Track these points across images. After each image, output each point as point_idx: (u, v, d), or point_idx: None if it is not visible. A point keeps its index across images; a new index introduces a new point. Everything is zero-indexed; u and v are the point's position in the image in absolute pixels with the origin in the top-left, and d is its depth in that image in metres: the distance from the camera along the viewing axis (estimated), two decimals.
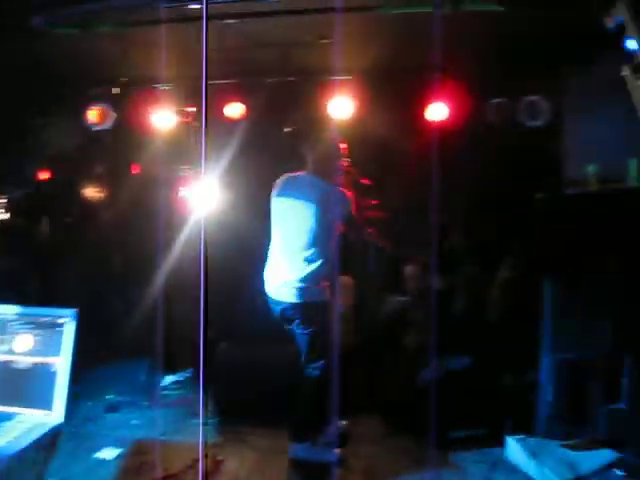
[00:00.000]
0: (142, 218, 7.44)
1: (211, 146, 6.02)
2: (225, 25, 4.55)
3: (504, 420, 4.28)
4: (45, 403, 1.81)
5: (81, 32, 4.35)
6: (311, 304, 4.08)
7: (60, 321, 1.86)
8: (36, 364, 1.84)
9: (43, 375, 1.84)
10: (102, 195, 9.35)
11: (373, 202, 5.53)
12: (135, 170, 7.81)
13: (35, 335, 1.87)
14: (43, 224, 8.20)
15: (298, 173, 4.36)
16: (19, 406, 1.84)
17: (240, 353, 5.07)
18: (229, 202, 6.69)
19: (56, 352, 1.84)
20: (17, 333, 1.89)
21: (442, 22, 4.38)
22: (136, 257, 6.20)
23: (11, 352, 1.87)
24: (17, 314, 1.90)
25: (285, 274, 4.12)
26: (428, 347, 4.68)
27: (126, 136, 6.41)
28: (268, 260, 4.30)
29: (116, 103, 5.73)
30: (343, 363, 4.15)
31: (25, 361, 1.86)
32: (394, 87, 5.92)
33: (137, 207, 7.65)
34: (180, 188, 7.20)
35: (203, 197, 6.08)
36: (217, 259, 5.49)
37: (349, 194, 4.24)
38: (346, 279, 5.21)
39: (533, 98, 5.14)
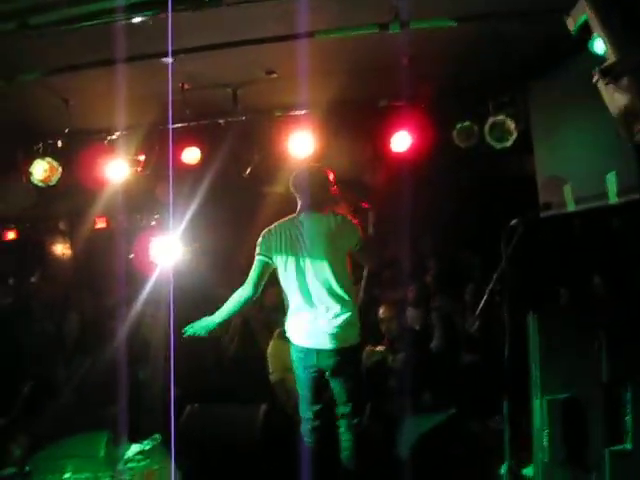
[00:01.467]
0: (102, 275, 7.10)
1: (170, 194, 5.75)
2: (169, 67, 4.27)
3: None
4: None
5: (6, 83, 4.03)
6: (349, 348, 3.78)
7: None
8: None
9: None
10: (68, 252, 9.05)
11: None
12: (97, 224, 7.53)
13: None
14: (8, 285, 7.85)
15: (292, 216, 3.94)
16: None
17: (208, 415, 4.67)
18: (192, 254, 6.38)
19: None
20: None
21: (391, 48, 4.18)
22: (94, 318, 5.79)
23: None
24: None
25: (317, 320, 3.76)
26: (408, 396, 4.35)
27: (79, 190, 6.09)
28: (291, 312, 3.89)
29: (61, 157, 5.39)
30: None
31: None
32: (354, 120, 5.68)
33: (96, 263, 7.33)
34: (141, 241, 6.89)
35: (166, 250, 5.81)
36: (180, 314, 5.15)
37: (355, 221, 3.92)
38: None
39: (498, 118, 4.86)
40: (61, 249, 9.51)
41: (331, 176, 4.02)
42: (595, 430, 3.72)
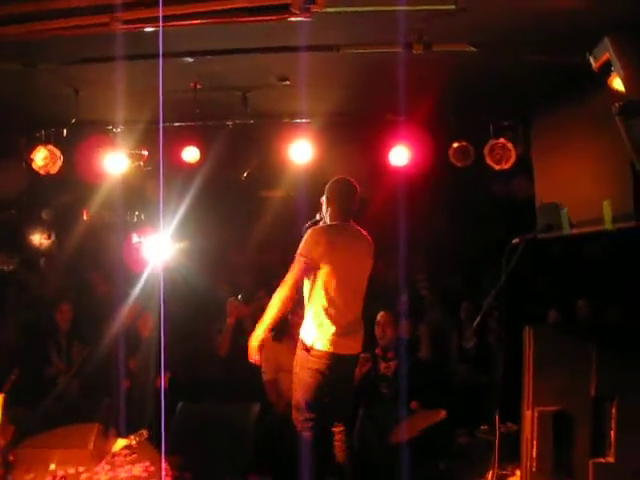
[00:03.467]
0: (91, 267, 7.07)
1: (167, 192, 5.80)
2: (184, 65, 4.34)
3: None
4: None
5: (24, 68, 4.03)
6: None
7: None
8: None
9: None
10: (48, 242, 8.93)
11: None
12: (86, 216, 7.48)
13: None
14: None
15: (334, 224, 3.94)
16: None
17: (200, 413, 4.70)
18: (185, 252, 6.41)
19: None
20: None
21: (404, 65, 4.32)
22: (83, 311, 5.76)
23: None
24: None
25: (350, 327, 3.84)
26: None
27: (75, 181, 6.06)
28: (321, 318, 3.79)
29: (64, 146, 5.38)
30: None
31: None
32: (355, 130, 5.82)
33: (86, 255, 7.28)
34: (133, 236, 6.88)
35: (158, 247, 5.83)
36: (172, 311, 5.17)
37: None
38: None
39: (499, 141, 5.06)
40: (39, 239, 9.38)
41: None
42: (581, 442, 3.91)
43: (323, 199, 4.04)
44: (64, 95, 4.92)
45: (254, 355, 3.82)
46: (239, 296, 5.55)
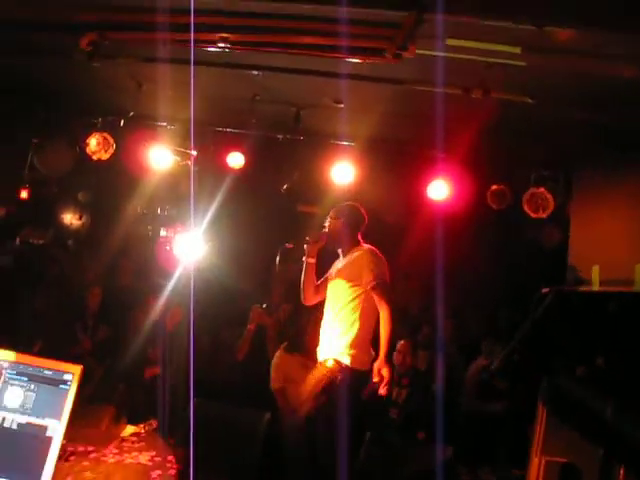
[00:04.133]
0: (120, 255, 7.21)
1: (206, 193, 5.95)
2: (247, 77, 4.49)
3: None
4: (31, 474, 1.57)
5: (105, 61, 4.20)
6: None
7: (64, 378, 1.64)
8: (28, 425, 1.61)
9: (34, 440, 1.60)
10: (80, 223, 9.12)
11: None
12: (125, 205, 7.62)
13: (29, 390, 1.65)
14: (14, 245, 7.89)
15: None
16: (3, 473, 1.59)
17: (213, 411, 4.77)
18: (217, 253, 6.53)
19: (54, 414, 1.62)
20: (10, 385, 1.66)
21: (454, 104, 4.43)
22: (111, 296, 5.90)
23: (1, 407, 1.64)
24: (12, 362, 1.68)
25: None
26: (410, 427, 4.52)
27: (117, 169, 6.24)
28: (363, 338, 3.92)
29: (118, 135, 5.56)
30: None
31: (15, 420, 1.63)
32: (397, 159, 5.93)
33: (116, 243, 7.43)
34: (163, 231, 7.04)
35: (190, 244, 5.96)
36: (200, 309, 5.28)
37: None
38: None
39: (539, 190, 5.14)
40: (70, 218, 9.59)
41: None
42: None
43: (332, 221, 4.14)
44: (127, 88, 5.10)
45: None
46: (264, 305, 5.65)
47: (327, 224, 4.19)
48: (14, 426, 1.63)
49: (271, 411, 4.83)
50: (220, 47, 2.66)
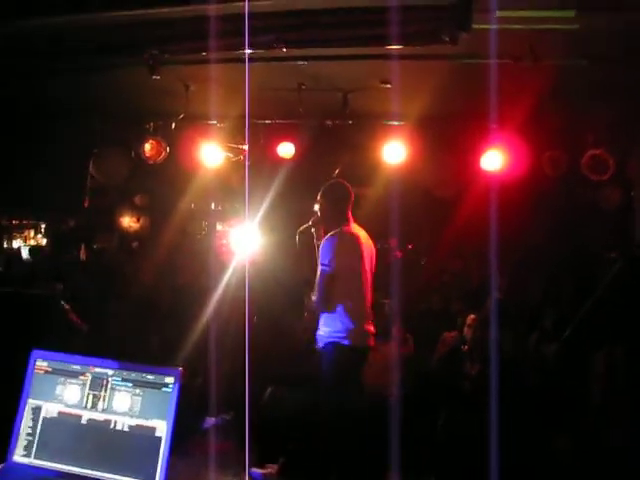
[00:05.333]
0: (179, 253, 7.40)
1: (259, 185, 6.02)
2: (292, 67, 4.51)
3: None
4: (146, 473, 1.66)
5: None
6: None
7: (166, 381, 1.72)
8: (137, 427, 1.70)
9: (145, 440, 1.69)
10: (138, 226, 9.40)
11: None
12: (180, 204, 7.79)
13: (136, 395, 1.74)
14: (80, 251, 8.21)
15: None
16: (115, 473, 1.69)
17: (290, 398, 4.88)
18: (273, 244, 6.62)
19: (160, 415, 1.70)
20: (116, 391, 1.75)
21: (505, 73, 4.34)
22: (177, 294, 6.06)
23: (109, 411, 1.73)
24: (117, 369, 1.77)
25: None
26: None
27: (171, 170, 6.38)
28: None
29: (170, 138, 5.69)
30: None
31: (125, 422, 1.72)
32: (448, 134, 5.87)
33: (175, 241, 7.62)
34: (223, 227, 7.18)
35: (246, 238, 6.06)
36: (259, 301, 5.37)
37: None
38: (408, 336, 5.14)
39: (597, 152, 5.00)
40: (128, 221, 9.89)
41: None
42: None
43: (321, 203, 4.20)
44: (175, 90, 5.21)
45: None
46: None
47: (317, 207, 4.28)
48: (125, 428, 1.72)
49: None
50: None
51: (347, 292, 4.01)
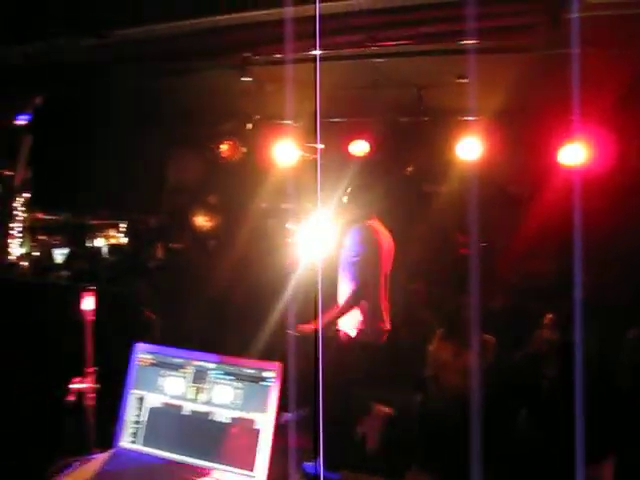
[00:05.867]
0: (254, 251, 7.52)
1: (333, 184, 6.04)
2: (367, 64, 4.51)
3: None
4: (246, 463, 1.70)
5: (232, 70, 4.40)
6: None
7: (265, 375, 1.76)
8: (237, 419, 1.74)
9: (244, 432, 1.73)
10: (211, 225, 9.62)
11: None
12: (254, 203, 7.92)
13: (236, 388, 1.78)
14: (157, 249, 8.47)
15: None
16: (216, 462, 1.74)
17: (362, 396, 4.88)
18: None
19: (260, 408, 1.74)
20: (217, 384, 1.80)
21: (588, 62, 4.18)
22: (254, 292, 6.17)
23: (210, 404, 1.78)
24: (218, 363, 1.82)
25: None
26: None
27: (249, 170, 6.50)
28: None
29: (245, 138, 5.80)
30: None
31: (225, 415, 1.77)
32: (526, 128, 5.71)
33: (251, 240, 7.75)
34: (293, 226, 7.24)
35: (316, 237, 6.09)
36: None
37: None
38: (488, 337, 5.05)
39: None
40: (202, 221, 10.13)
41: None
42: None
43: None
44: (250, 91, 5.29)
45: None
46: None
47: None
48: (226, 420, 1.77)
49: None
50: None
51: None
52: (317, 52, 3.95)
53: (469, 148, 5.67)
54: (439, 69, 4.79)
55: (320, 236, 6.00)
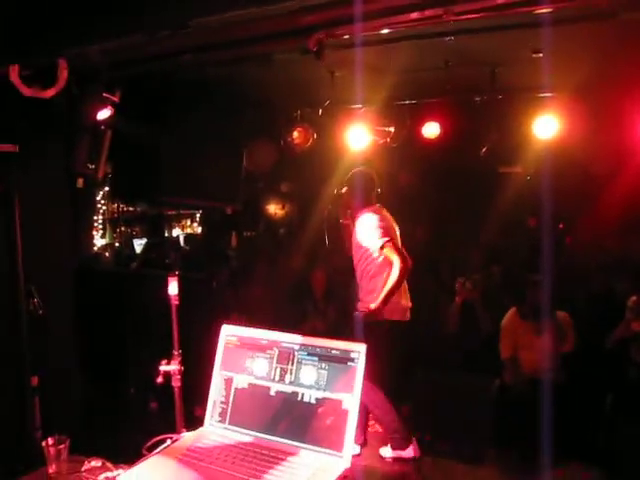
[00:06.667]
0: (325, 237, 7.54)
1: (406, 166, 5.98)
2: (437, 43, 4.40)
3: None
4: (334, 444, 1.72)
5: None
6: None
7: (351, 356, 1.77)
8: (323, 399, 1.76)
9: (331, 412, 1.75)
10: (284, 212, 9.76)
11: None
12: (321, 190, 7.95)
13: (321, 369, 1.80)
14: (231, 237, 8.68)
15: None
16: (304, 442, 1.77)
17: (439, 379, 4.86)
18: (416, 225, 6.56)
19: (346, 389, 1.75)
20: (302, 364, 1.83)
21: None
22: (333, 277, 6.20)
23: (296, 384, 1.81)
24: (303, 344, 1.85)
25: None
26: None
27: (319, 157, 6.52)
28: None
29: (317, 125, 5.82)
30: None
31: (312, 395, 1.79)
32: (607, 104, 5.45)
33: (322, 226, 7.77)
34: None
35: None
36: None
37: None
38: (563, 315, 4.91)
39: None
40: (274, 209, 10.29)
41: None
42: None
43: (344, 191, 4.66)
44: (320, 77, 5.30)
45: None
46: (465, 282, 5.54)
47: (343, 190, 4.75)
48: (312, 401, 1.79)
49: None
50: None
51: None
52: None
53: (546, 126, 5.47)
54: (513, 45, 4.62)
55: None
